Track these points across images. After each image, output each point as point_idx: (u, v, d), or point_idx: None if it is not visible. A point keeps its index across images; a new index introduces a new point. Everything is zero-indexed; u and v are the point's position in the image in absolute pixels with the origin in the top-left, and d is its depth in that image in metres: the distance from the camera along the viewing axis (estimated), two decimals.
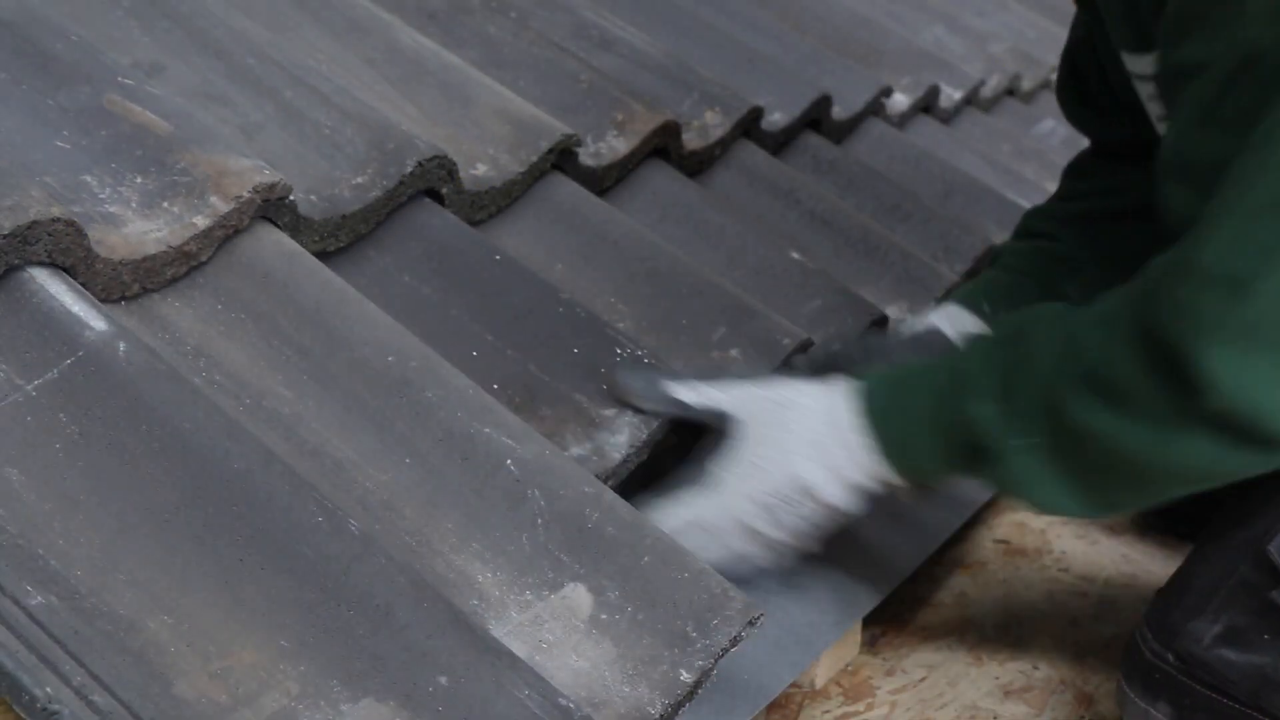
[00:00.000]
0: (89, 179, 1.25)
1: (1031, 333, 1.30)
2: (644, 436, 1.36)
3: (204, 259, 1.27)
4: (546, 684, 1.04)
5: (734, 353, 1.54)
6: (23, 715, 0.92)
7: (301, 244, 1.35)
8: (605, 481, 1.31)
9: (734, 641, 1.16)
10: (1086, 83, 1.74)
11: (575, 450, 1.33)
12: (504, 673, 1.03)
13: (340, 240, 1.42)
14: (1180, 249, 1.21)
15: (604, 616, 1.16)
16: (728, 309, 1.58)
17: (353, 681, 1.00)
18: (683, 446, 1.47)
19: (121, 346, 1.12)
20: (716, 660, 1.15)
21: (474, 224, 1.55)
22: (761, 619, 1.19)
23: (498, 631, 1.11)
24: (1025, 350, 1.29)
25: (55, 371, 1.10)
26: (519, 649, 1.10)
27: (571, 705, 1.03)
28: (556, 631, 1.14)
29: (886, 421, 1.33)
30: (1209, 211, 1.18)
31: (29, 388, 1.08)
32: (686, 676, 1.13)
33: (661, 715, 1.11)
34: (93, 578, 1.00)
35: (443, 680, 1.01)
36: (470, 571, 1.16)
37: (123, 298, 1.22)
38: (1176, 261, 1.20)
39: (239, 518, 1.06)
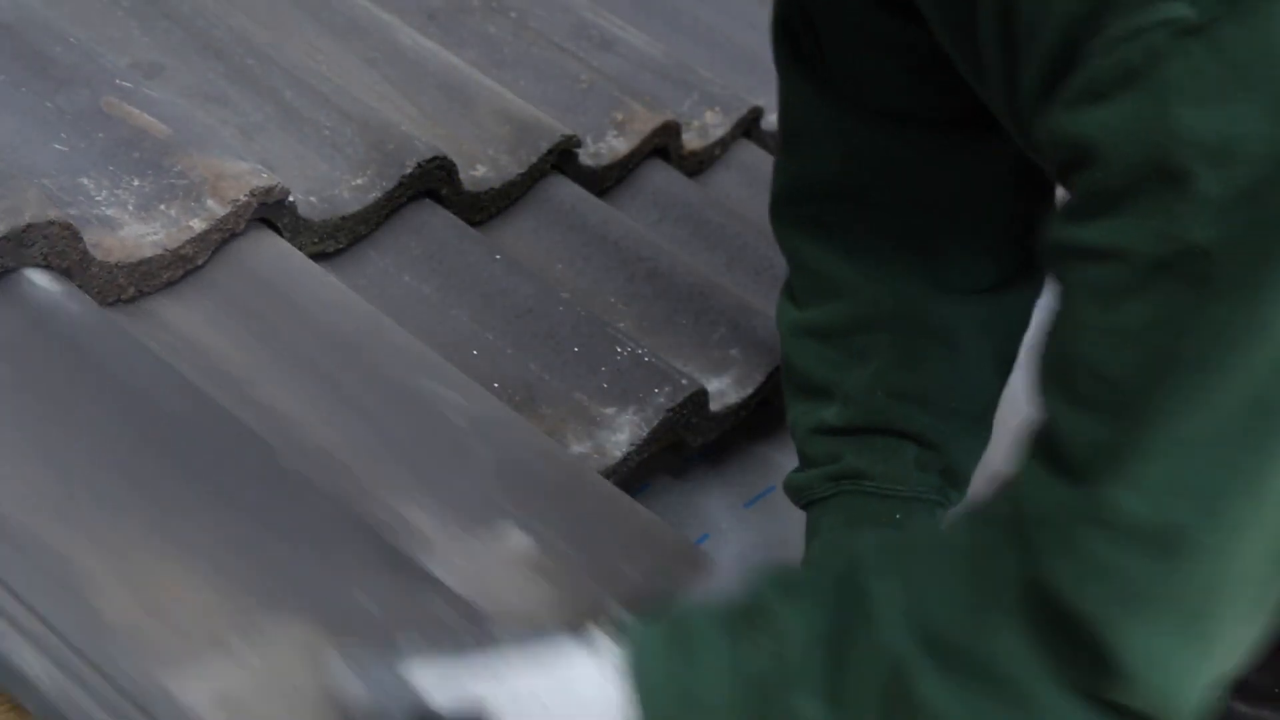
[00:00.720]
0: (86, 181, 1.25)
1: (863, 590, 0.97)
2: (645, 435, 1.36)
3: (200, 262, 1.27)
4: (468, 605, 1.07)
5: (734, 352, 1.55)
6: None
7: (300, 245, 1.35)
8: (606, 480, 1.31)
9: (676, 585, 1.19)
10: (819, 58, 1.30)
11: (576, 448, 1.33)
12: (425, 594, 1.06)
13: (339, 241, 1.42)
14: (1083, 488, 0.90)
15: (543, 559, 1.17)
16: (728, 309, 1.58)
17: (276, 603, 1.03)
18: (683, 445, 1.47)
19: (71, 305, 1.14)
20: (655, 601, 1.17)
21: (474, 224, 1.55)
22: (708, 561, 1.21)
23: (434, 571, 1.13)
24: (858, 615, 0.96)
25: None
26: (455, 588, 1.11)
27: (496, 630, 1.05)
28: (495, 571, 1.16)
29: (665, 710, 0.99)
30: (1123, 443, 0.88)
31: None
32: (625, 617, 1.14)
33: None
34: (25, 514, 1.02)
35: (363, 599, 1.04)
36: (411, 517, 1.18)
37: (118, 301, 1.22)
38: (1077, 505, 0.90)
39: (176, 458, 1.09)
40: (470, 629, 1.04)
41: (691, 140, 1.88)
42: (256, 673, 0.98)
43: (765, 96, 2.05)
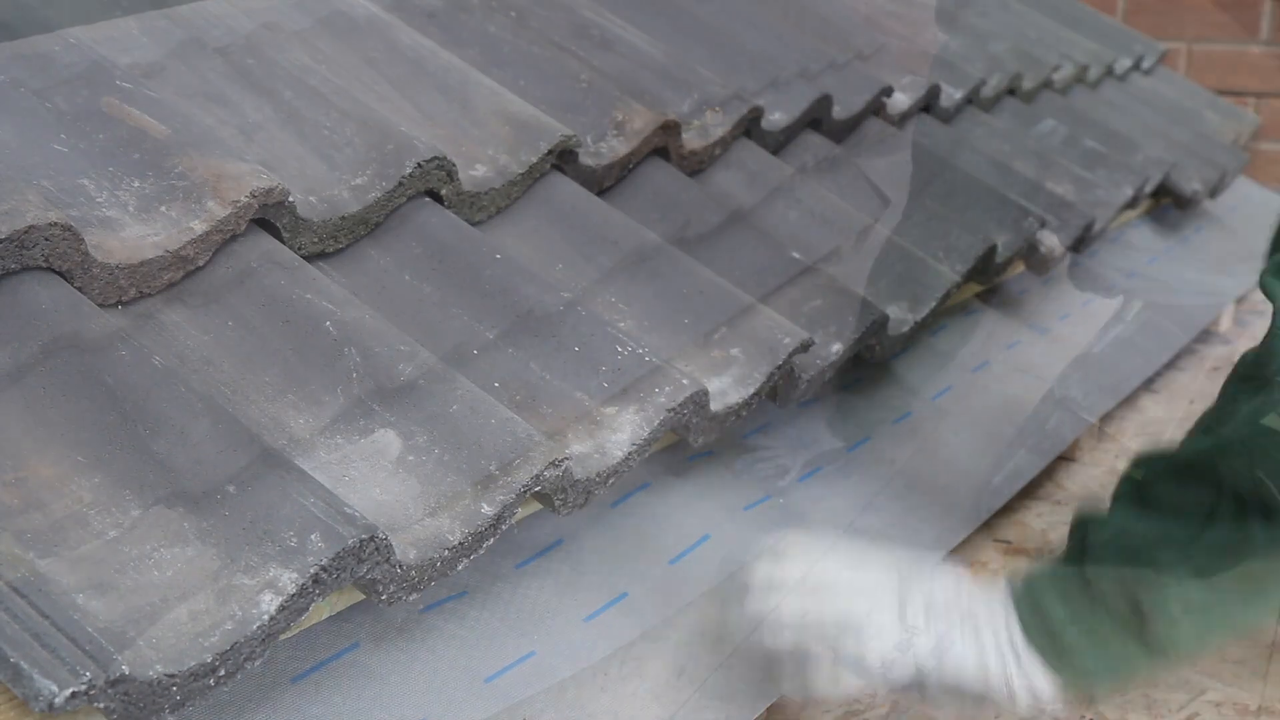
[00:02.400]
0: (86, 183, 1.25)
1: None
2: (645, 434, 1.36)
3: (200, 264, 1.27)
4: (333, 495, 1.09)
5: (734, 352, 1.54)
6: None
7: (300, 245, 1.35)
8: (607, 480, 1.31)
9: (536, 480, 1.22)
10: None
11: (577, 448, 1.32)
12: (291, 484, 1.08)
13: (339, 241, 1.42)
14: None
15: (411, 458, 1.21)
16: (728, 309, 1.58)
17: (145, 491, 1.06)
18: (684, 444, 1.47)
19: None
20: (519, 496, 1.20)
21: (474, 224, 1.55)
22: (567, 463, 1.24)
23: (304, 466, 1.15)
24: None
25: None
26: (323, 482, 1.13)
27: (356, 514, 1.07)
28: (363, 470, 1.19)
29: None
30: None
31: None
32: (488, 510, 1.18)
33: (460, 542, 1.16)
34: None
35: (231, 489, 1.07)
36: (284, 419, 1.20)
37: (119, 302, 1.22)
38: None
39: (43, 351, 1.11)
40: (340, 521, 1.06)
41: (691, 140, 1.87)
42: (125, 556, 1.01)
43: (765, 96, 2.05)
